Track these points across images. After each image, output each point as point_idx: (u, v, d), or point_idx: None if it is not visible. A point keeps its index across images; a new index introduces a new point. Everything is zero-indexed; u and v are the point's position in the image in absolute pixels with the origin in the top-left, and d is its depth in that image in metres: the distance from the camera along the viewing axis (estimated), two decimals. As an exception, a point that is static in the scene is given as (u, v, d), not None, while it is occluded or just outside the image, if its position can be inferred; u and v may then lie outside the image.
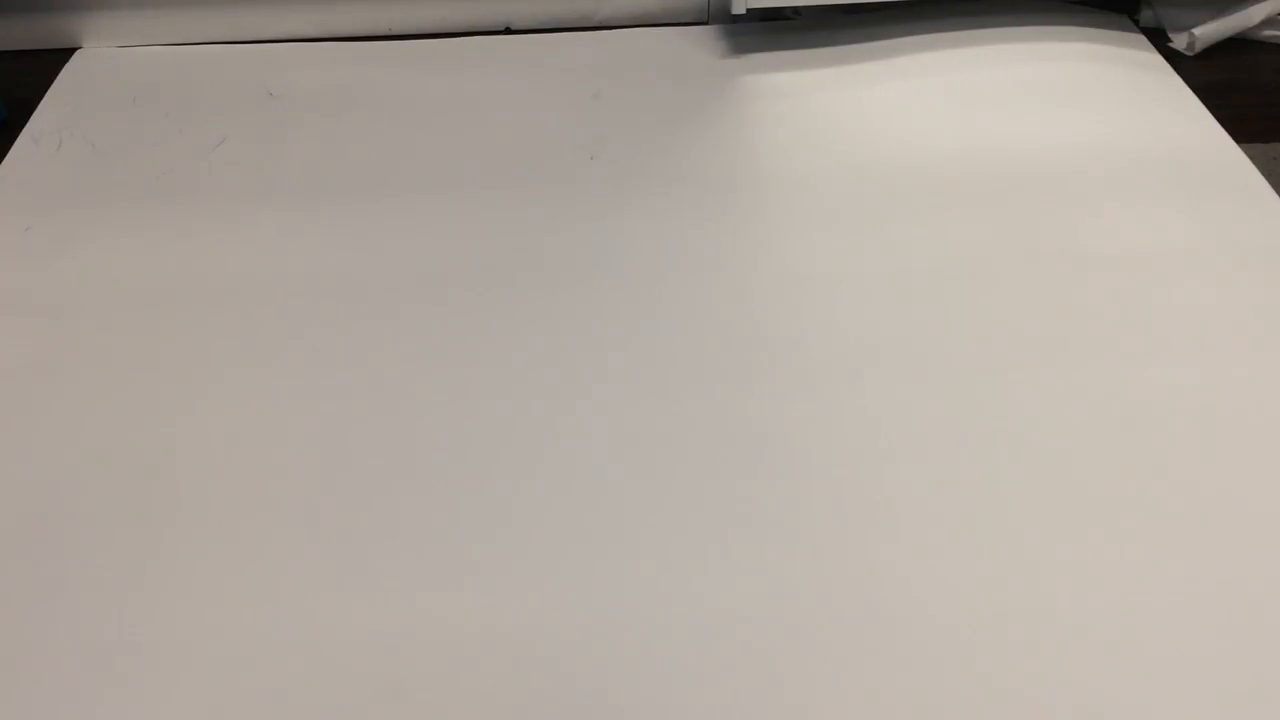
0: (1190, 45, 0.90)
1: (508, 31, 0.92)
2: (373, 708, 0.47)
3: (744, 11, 0.88)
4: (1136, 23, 0.94)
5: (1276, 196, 0.74)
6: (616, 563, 0.52)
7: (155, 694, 0.47)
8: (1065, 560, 0.52)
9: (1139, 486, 0.56)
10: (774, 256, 0.69)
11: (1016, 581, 0.51)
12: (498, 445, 0.57)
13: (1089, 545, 0.53)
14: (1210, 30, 0.90)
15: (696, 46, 0.90)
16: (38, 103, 0.82)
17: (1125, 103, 0.83)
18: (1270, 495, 0.55)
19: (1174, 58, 0.90)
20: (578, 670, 0.48)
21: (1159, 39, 0.92)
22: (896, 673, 0.48)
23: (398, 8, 0.90)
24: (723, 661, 0.48)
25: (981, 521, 0.54)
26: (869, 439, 0.58)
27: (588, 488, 0.55)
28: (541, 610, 0.50)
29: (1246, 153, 0.78)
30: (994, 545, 0.53)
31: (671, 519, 0.54)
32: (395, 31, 0.91)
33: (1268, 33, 0.92)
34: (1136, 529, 0.54)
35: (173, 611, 0.50)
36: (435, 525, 0.54)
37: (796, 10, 0.93)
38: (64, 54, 0.88)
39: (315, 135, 0.79)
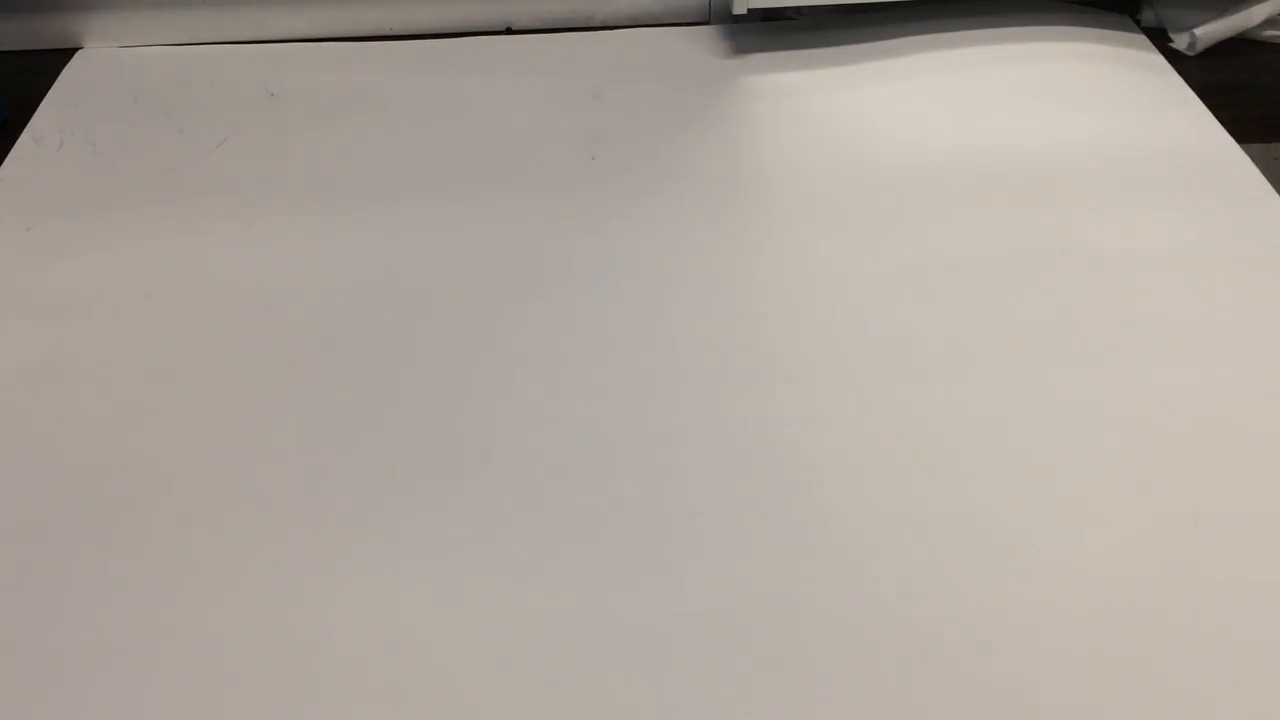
0: (1191, 45, 0.90)
1: (508, 32, 0.92)
2: (373, 708, 0.47)
3: (745, 12, 0.88)
4: (1137, 23, 0.94)
5: (1277, 196, 0.74)
6: (617, 562, 0.52)
7: (155, 694, 0.47)
8: (1066, 560, 0.52)
9: (1140, 486, 0.56)
10: (775, 256, 0.69)
11: (1018, 582, 0.52)
12: (498, 444, 0.57)
13: (1091, 545, 0.53)
14: (1211, 30, 0.90)
15: (697, 46, 0.90)
16: (39, 103, 0.82)
17: (1126, 103, 0.83)
18: (1272, 494, 0.55)
19: (1175, 58, 0.90)
20: (578, 670, 0.48)
21: (1160, 39, 0.92)
22: (895, 673, 0.48)
23: (398, 8, 0.90)
24: (724, 662, 0.48)
25: (983, 521, 0.54)
26: (871, 439, 0.58)
27: (588, 487, 0.55)
28: (541, 610, 0.50)
29: (1247, 153, 0.78)
30: (997, 545, 0.53)
31: (672, 519, 0.54)
32: (395, 31, 0.91)
33: (1269, 33, 0.92)
34: (1138, 529, 0.54)
35: (172, 612, 0.50)
36: (436, 525, 0.54)
37: (798, 10, 0.93)
38: (65, 54, 0.88)
39: (315, 135, 0.79)
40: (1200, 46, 0.90)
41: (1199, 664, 0.48)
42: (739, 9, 0.88)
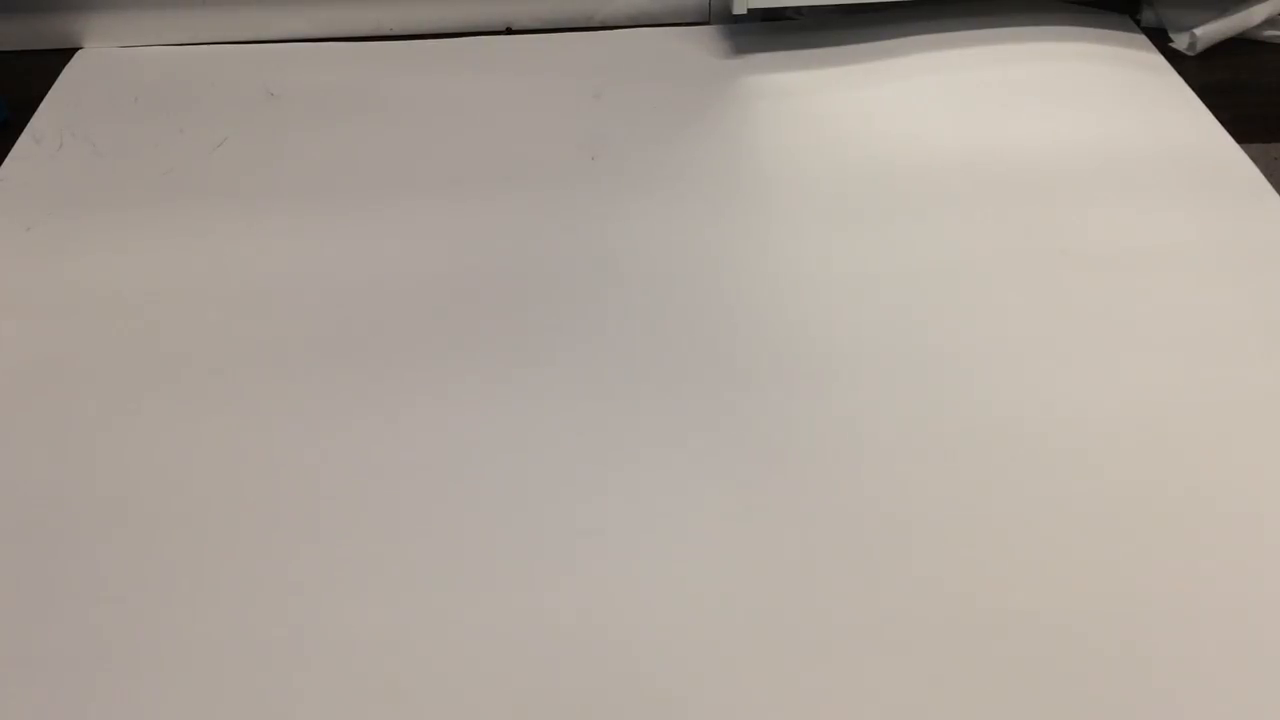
0: (1191, 45, 0.90)
1: (508, 31, 0.92)
2: (373, 708, 0.47)
3: (745, 12, 0.88)
4: (1138, 23, 0.94)
5: (1277, 196, 0.74)
6: (618, 563, 0.52)
7: (155, 694, 0.47)
8: (1066, 561, 0.52)
9: (1140, 486, 0.56)
10: (775, 256, 0.69)
11: (1018, 581, 0.52)
12: (498, 444, 0.57)
13: (1091, 546, 0.53)
14: (1211, 30, 0.90)
15: (697, 46, 0.90)
16: (39, 103, 0.82)
17: (1126, 103, 0.83)
18: (1273, 494, 0.55)
19: (1175, 58, 0.90)
20: (578, 671, 0.48)
21: (1160, 39, 0.92)
22: (894, 674, 0.48)
23: (398, 8, 0.90)
24: (724, 663, 0.48)
25: (983, 521, 0.54)
26: (871, 439, 0.58)
27: (589, 489, 0.55)
28: (542, 610, 0.50)
29: (1247, 153, 0.78)
30: (996, 544, 0.53)
31: (672, 520, 0.54)
32: (395, 31, 0.91)
33: (1269, 33, 0.92)
34: (1139, 529, 0.54)
35: (172, 611, 0.50)
36: (436, 525, 0.54)
37: (798, 10, 0.93)
38: (65, 54, 0.88)
39: (315, 135, 0.79)
40: (1200, 46, 0.90)
41: (1199, 664, 0.48)
42: (739, 9, 0.88)
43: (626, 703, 0.47)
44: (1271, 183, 0.75)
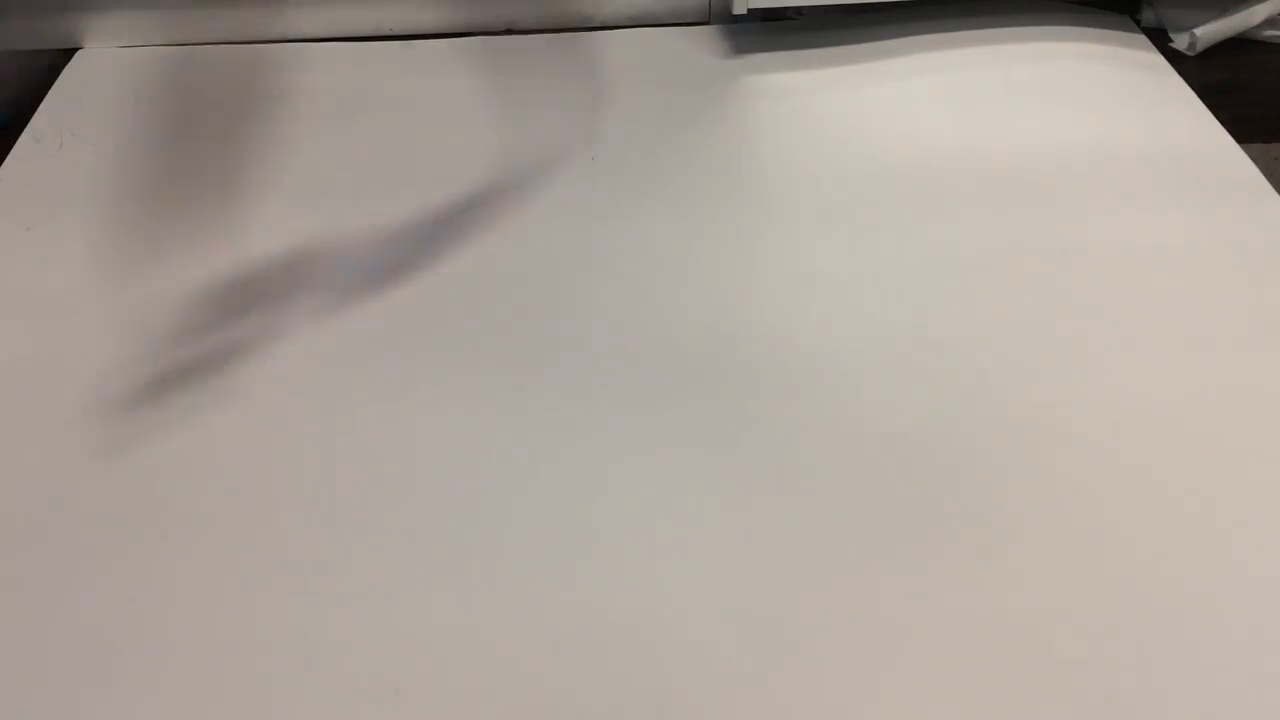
0: (1191, 45, 0.90)
1: (509, 32, 0.92)
2: (373, 708, 0.47)
3: (745, 12, 0.88)
4: (1137, 23, 0.94)
5: (1277, 196, 0.74)
6: (619, 563, 0.52)
7: (155, 694, 0.47)
8: (1065, 562, 0.52)
9: (1141, 487, 0.56)
10: (775, 256, 0.69)
11: (1017, 583, 0.52)
12: (498, 444, 0.57)
13: (1090, 545, 0.53)
14: (1211, 30, 0.90)
15: (697, 47, 0.90)
16: (39, 103, 0.82)
17: (1126, 103, 0.83)
18: (1272, 495, 0.55)
19: (1175, 58, 0.90)
20: (581, 672, 0.48)
21: (1160, 39, 0.92)
22: (897, 675, 0.48)
23: (398, 8, 0.90)
24: (726, 665, 0.48)
25: (982, 523, 0.54)
26: (870, 438, 0.58)
27: (589, 489, 0.55)
28: (542, 611, 0.50)
29: (1247, 153, 0.78)
30: (996, 546, 0.53)
31: (673, 520, 0.54)
32: (395, 31, 0.91)
33: (1269, 33, 0.92)
34: (1139, 531, 0.54)
35: (172, 611, 0.50)
36: (437, 524, 0.54)
37: (798, 10, 0.93)
38: (65, 54, 0.88)
39: (316, 136, 0.79)
40: (1200, 46, 0.90)
41: (1198, 664, 0.48)
42: (739, 9, 0.88)
43: (629, 705, 0.47)
44: (1271, 183, 0.75)
